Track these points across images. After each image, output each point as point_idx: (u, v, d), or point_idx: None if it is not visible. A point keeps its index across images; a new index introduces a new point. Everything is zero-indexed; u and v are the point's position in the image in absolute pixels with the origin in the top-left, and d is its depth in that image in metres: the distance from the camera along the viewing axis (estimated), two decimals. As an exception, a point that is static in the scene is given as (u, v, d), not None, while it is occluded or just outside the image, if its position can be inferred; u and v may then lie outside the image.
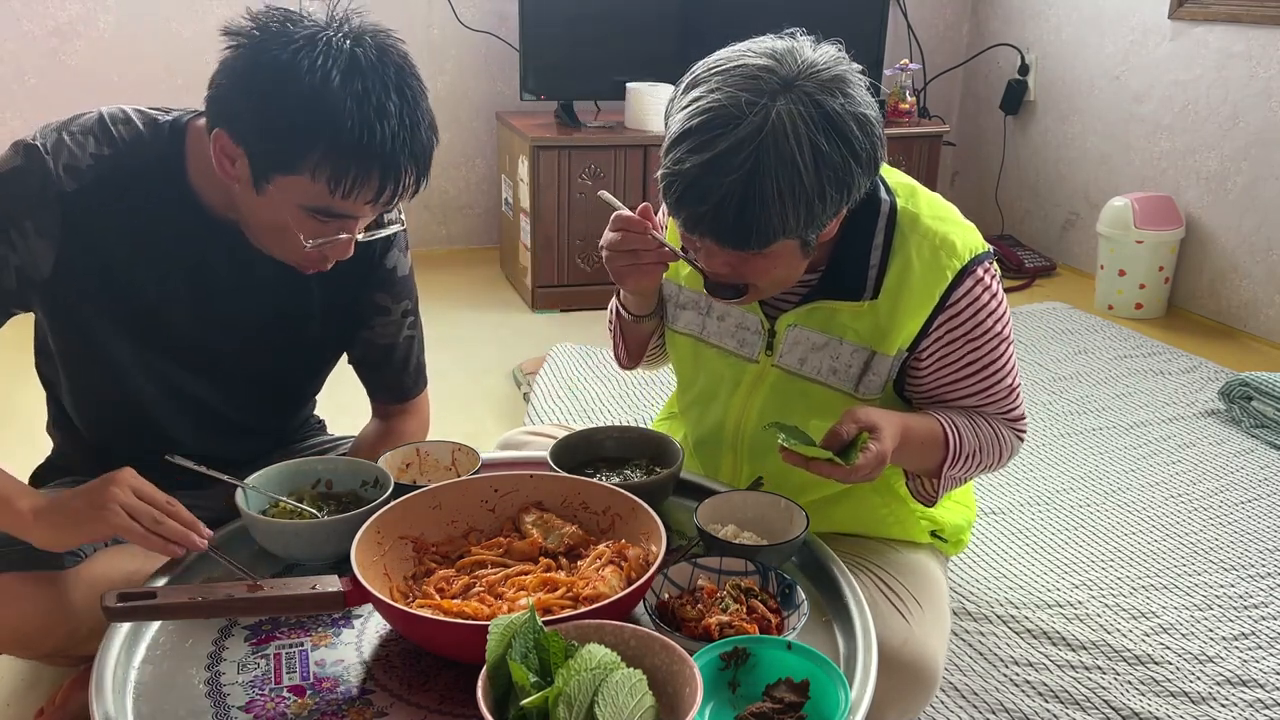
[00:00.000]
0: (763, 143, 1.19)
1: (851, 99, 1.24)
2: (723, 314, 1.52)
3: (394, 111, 1.23)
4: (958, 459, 1.45)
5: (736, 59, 1.26)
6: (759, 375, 1.51)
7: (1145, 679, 1.80)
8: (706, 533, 1.31)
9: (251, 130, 1.24)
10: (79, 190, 1.32)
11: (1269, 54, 3.45)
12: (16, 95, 3.68)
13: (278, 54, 1.22)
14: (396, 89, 1.25)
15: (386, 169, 1.25)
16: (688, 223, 1.28)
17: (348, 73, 1.21)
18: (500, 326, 3.56)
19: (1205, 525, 2.32)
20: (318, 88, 1.20)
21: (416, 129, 1.26)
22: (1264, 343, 3.58)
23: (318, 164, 1.22)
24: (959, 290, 1.40)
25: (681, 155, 1.23)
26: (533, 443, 1.76)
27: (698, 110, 1.23)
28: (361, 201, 1.27)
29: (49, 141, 1.32)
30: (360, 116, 1.21)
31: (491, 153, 4.21)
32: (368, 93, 1.22)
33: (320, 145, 1.22)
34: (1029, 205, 4.52)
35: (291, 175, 1.24)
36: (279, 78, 1.21)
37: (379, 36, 1.28)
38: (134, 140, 1.36)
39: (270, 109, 1.22)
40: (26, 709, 1.65)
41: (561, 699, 0.95)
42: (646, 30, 3.83)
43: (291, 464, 1.41)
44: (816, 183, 1.22)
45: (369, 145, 1.22)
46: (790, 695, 1.08)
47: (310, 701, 1.12)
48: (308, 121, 1.21)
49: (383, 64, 1.24)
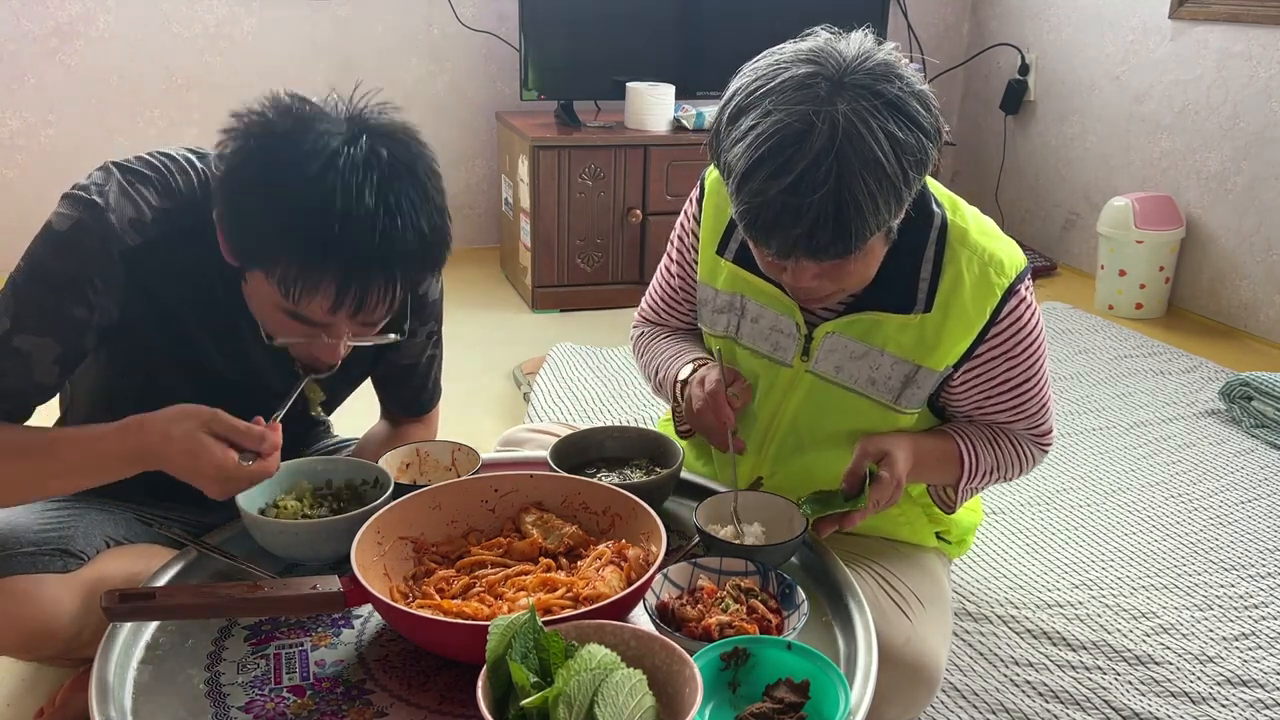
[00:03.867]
0: (840, 149, 1.17)
1: (904, 79, 1.23)
2: (757, 316, 1.50)
3: (365, 217, 1.14)
4: (974, 475, 1.48)
5: (773, 73, 1.23)
6: (792, 380, 1.50)
7: (1145, 679, 1.80)
8: (706, 533, 1.31)
9: (225, 218, 1.22)
10: (142, 246, 1.30)
11: (1269, 54, 3.45)
12: (16, 95, 3.68)
13: (262, 143, 1.17)
14: (377, 192, 1.15)
15: (346, 278, 1.17)
16: (781, 249, 1.24)
17: (321, 171, 1.14)
18: (500, 326, 3.56)
19: (1205, 525, 2.32)
20: (283, 184, 1.15)
21: (392, 239, 1.16)
22: (1264, 343, 3.58)
23: (272, 265, 1.18)
24: (1006, 307, 1.41)
25: (760, 185, 1.20)
26: (533, 440, 1.76)
27: (761, 136, 1.20)
28: (320, 310, 1.21)
29: (110, 195, 1.28)
30: (321, 220, 1.13)
31: (491, 153, 4.21)
32: (333, 193, 1.14)
33: (274, 245, 1.17)
34: (1029, 205, 4.52)
35: (255, 271, 1.22)
36: (251, 169, 1.18)
37: (382, 136, 1.19)
38: (190, 197, 1.33)
39: (237, 200, 1.19)
40: (26, 709, 1.65)
41: (561, 699, 0.95)
42: (646, 30, 3.83)
43: (292, 464, 1.40)
44: (899, 170, 1.21)
45: (323, 252, 1.15)
46: (790, 695, 1.08)
47: (310, 701, 1.11)
48: (265, 219, 1.17)
49: (368, 165, 1.16)
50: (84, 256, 1.28)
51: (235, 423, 1.24)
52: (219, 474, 1.23)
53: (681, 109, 3.71)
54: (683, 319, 1.68)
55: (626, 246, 3.73)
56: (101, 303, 1.30)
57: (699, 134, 3.68)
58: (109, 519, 1.45)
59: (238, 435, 1.23)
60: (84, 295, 1.29)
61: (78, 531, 1.40)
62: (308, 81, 3.92)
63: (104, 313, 1.31)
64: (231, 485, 1.25)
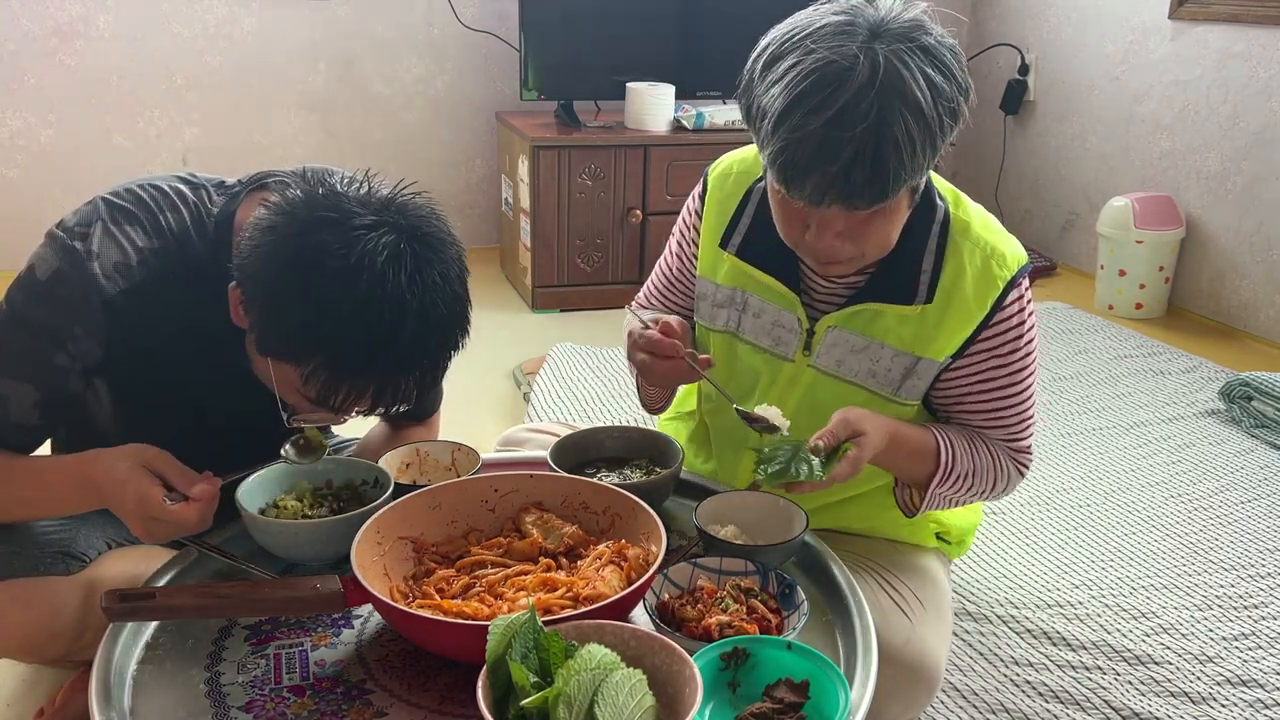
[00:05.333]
0: (881, 86, 1.17)
1: (938, 33, 1.23)
2: (759, 311, 1.50)
3: (406, 335, 1.14)
4: (948, 478, 1.44)
5: (809, 24, 1.23)
6: (794, 375, 1.50)
7: (1145, 679, 1.80)
8: (706, 533, 1.31)
9: (260, 310, 1.18)
10: (127, 290, 1.28)
11: (1269, 54, 3.45)
12: (16, 95, 3.68)
13: (309, 239, 1.13)
14: (420, 307, 1.14)
15: (383, 386, 1.18)
16: (815, 191, 1.22)
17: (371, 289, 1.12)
18: (500, 326, 3.56)
19: (1205, 525, 2.32)
20: (333, 297, 1.12)
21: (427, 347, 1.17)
22: (1264, 343, 3.58)
23: (312, 372, 1.16)
24: (1007, 299, 1.41)
25: (799, 121, 1.18)
26: (533, 440, 1.76)
27: (801, 74, 1.19)
28: (350, 409, 1.22)
29: (93, 240, 1.26)
30: (368, 339, 1.13)
31: (491, 153, 4.21)
32: (383, 312, 1.12)
33: (318, 358, 1.15)
34: (1029, 205, 4.52)
35: (288, 364, 1.19)
36: (297, 273, 1.13)
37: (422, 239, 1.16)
38: (182, 236, 1.31)
39: (279, 302, 1.15)
40: (26, 709, 1.65)
41: (561, 699, 0.95)
42: (646, 30, 3.83)
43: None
44: (936, 115, 1.21)
45: (367, 368, 1.15)
46: (790, 695, 1.08)
47: (310, 701, 1.11)
48: (311, 328, 1.14)
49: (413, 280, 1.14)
50: (63, 307, 1.26)
51: (174, 463, 1.22)
52: (139, 508, 1.19)
53: (681, 109, 3.71)
54: (675, 308, 1.67)
55: (626, 246, 3.73)
56: (82, 348, 1.29)
57: (699, 134, 3.68)
58: (110, 521, 1.45)
59: (171, 475, 1.21)
60: (63, 344, 1.27)
61: (79, 533, 1.40)
62: (308, 82, 3.95)
63: (87, 356, 1.30)
64: (153, 525, 1.21)
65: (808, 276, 1.47)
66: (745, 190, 1.51)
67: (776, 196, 1.32)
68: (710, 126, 3.69)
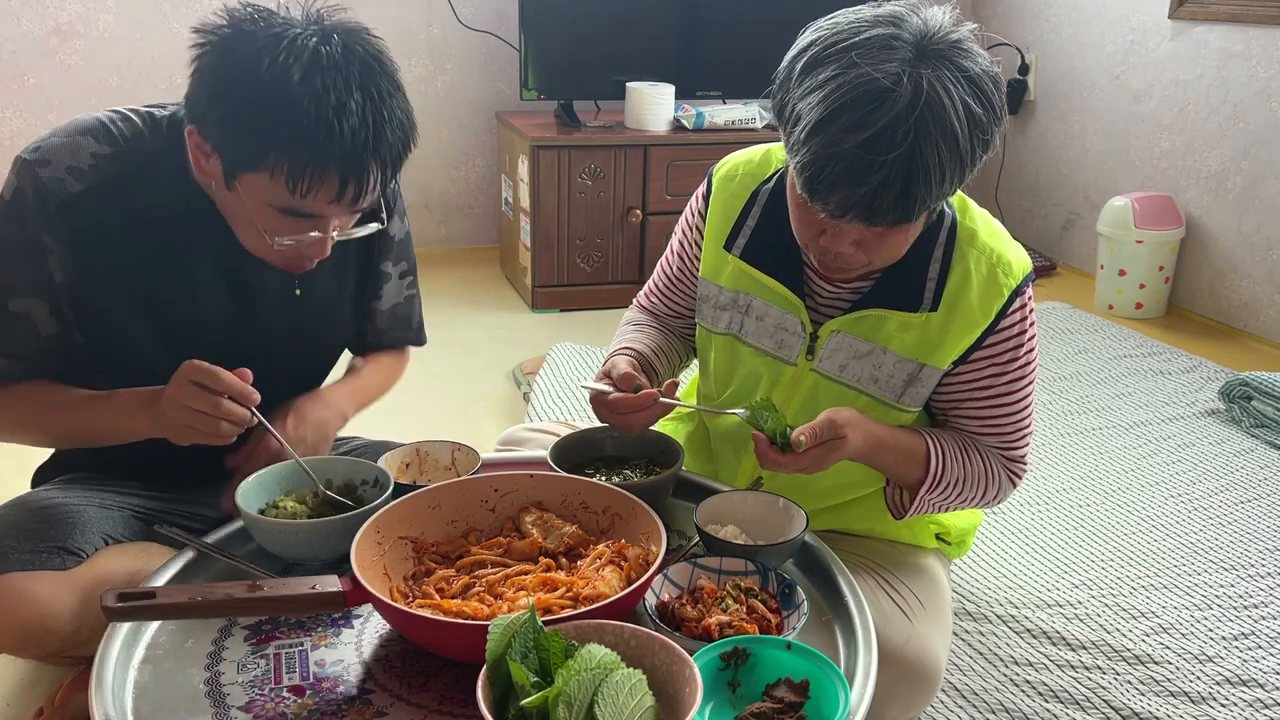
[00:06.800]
0: (921, 114, 1.16)
1: (980, 56, 1.23)
2: (762, 314, 1.50)
3: (355, 109, 1.22)
4: (937, 484, 1.44)
5: (856, 29, 1.22)
6: (796, 378, 1.50)
7: (1145, 679, 1.80)
8: (706, 533, 1.31)
9: (216, 127, 1.26)
10: (84, 192, 1.33)
11: (1269, 54, 3.45)
12: (16, 95, 3.68)
13: (241, 52, 1.22)
14: (361, 86, 1.23)
15: (347, 168, 1.24)
16: (839, 207, 1.22)
17: (308, 70, 1.21)
18: (500, 326, 3.56)
19: (1205, 525, 2.32)
20: (276, 85, 1.20)
21: (381, 127, 1.25)
22: (1264, 343, 3.58)
23: (275, 162, 1.23)
24: (1011, 308, 1.41)
25: (833, 137, 1.18)
26: (533, 440, 1.75)
27: (842, 88, 1.18)
28: (323, 200, 1.27)
29: (44, 147, 1.33)
30: (318, 114, 1.20)
31: (491, 152, 4.21)
32: (327, 90, 1.21)
33: (277, 143, 1.22)
34: (1029, 205, 4.52)
35: (253, 173, 1.25)
36: (240, 76, 1.22)
37: (349, 34, 1.26)
38: (134, 137, 1.37)
39: (231, 106, 1.24)
40: (26, 709, 1.65)
41: (561, 699, 0.95)
42: (646, 30, 3.83)
43: (291, 463, 1.41)
44: (970, 147, 1.21)
45: (326, 144, 1.22)
46: (790, 695, 1.08)
47: (310, 701, 1.11)
48: (265, 119, 1.21)
49: (347, 61, 1.23)
50: (26, 217, 1.32)
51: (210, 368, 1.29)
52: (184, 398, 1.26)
53: (681, 109, 3.71)
54: (676, 308, 1.67)
55: (626, 246, 3.73)
56: (57, 259, 1.34)
57: (699, 134, 3.68)
58: (107, 517, 1.45)
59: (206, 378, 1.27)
60: (41, 255, 1.33)
61: (76, 529, 1.40)
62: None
63: (65, 270, 1.35)
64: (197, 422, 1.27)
65: (812, 280, 1.47)
66: (751, 192, 1.51)
67: (797, 199, 1.31)
68: (710, 126, 3.69)
